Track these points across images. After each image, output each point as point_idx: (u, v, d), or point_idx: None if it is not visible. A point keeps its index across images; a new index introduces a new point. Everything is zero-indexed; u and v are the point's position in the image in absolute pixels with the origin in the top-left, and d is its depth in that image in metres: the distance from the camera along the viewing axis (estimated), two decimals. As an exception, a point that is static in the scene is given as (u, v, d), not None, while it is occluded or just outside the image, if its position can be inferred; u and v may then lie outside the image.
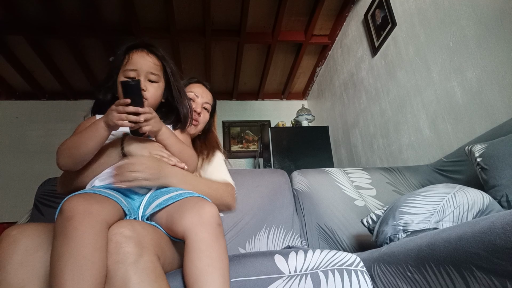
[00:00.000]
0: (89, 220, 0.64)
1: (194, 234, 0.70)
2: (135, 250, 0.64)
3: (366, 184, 1.58)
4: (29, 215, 1.31)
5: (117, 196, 0.78)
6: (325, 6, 2.84)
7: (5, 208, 3.32)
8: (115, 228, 0.67)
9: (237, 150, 3.97)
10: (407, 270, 0.67)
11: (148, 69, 0.95)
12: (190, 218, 0.71)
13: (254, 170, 1.68)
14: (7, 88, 3.58)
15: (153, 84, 0.96)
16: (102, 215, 0.67)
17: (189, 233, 0.70)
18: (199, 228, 0.70)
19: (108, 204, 0.73)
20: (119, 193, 0.81)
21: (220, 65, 3.58)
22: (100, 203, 0.70)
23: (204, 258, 0.67)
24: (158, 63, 0.99)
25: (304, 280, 0.70)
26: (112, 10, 2.77)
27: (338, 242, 1.40)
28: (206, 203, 0.75)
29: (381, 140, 2.38)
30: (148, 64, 0.96)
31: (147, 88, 0.94)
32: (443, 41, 1.71)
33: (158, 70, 0.98)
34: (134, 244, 0.65)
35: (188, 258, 0.68)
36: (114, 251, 0.64)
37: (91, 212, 0.66)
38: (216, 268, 0.66)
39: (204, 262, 0.67)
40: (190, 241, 0.69)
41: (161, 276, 0.65)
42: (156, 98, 0.97)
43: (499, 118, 1.37)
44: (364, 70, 2.63)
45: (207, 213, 0.72)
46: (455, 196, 0.96)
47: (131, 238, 0.66)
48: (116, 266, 0.62)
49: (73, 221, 0.63)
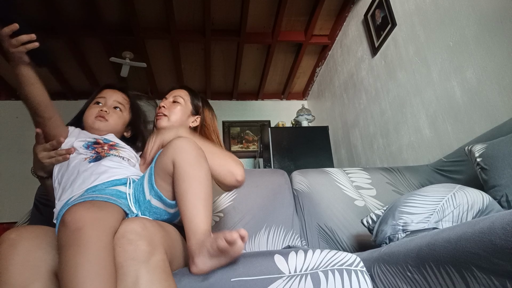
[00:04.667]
0: (100, 227, 0.65)
1: (180, 156, 0.81)
2: (148, 249, 0.65)
3: (366, 184, 1.58)
4: (29, 215, 1.31)
5: (115, 198, 0.79)
6: (325, 6, 2.84)
7: (5, 208, 3.32)
8: (128, 225, 0.68)
9: (237, 150, 3.97)
10: (407, 270, 0.67)
11: (115, 98, 1.10)
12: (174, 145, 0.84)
13: (254, 170, 1.68)
14: (7, 88, 3.58)
15: (117, 111, 1.09)
16: (109, 221, 0.68)
17: (175, 156, 0.81)
18: (183, 149, 0.82)
19: (110, 209, 0.74)
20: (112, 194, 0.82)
21: (220, 65, 3.58)
22: (103, 210, 0.71)
23: (187, 177, 0.80)
24: (126, 98, 1.14)
25: (304, 280, 0.70)
26: (112, 10, 2.77)
27: (338, 242, 1.40)
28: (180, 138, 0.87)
29: (381, 140, 2.38)
30: (116, 95, 1.11)
31: (110, 113, 1.07)
32: (443, 41, 1.71)
33: (124, 103, 1.12)
34: (146, 242, 0.66)
35: (175, 180, 0.81)
36: (127, 248, 0.65)
37: (100, 219, 0.67)
38: (198, 186, 0.79)
39: (187, 180, 0.79)
40: (176, 163, 0.81)
41: (170, 275, 0.66)
42: (116, 123, 1.08)
43: (499, 118, 1.37)
44: (364, 70, 2.63)
45: (186, 139, 0.85)
46: (454, 196, 0.96)
47: (143, 236, 0.67)
48: (129, 263, 0.63)
49: (83, 231, 0.63)
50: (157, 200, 0.87)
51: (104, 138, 1.03)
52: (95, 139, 1.00)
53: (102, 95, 1.10)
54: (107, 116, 1.05)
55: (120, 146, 1.03)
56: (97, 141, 1.00)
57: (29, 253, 0.71)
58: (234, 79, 3.77)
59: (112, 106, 1.09)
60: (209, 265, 0.69)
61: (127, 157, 1.00)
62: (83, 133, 1.03)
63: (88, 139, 1.00)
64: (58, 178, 0.91)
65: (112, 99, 1.10)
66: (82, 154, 0.94)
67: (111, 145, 1.01)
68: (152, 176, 0.87)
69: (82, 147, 0.96)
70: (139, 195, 0.88)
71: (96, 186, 0.85)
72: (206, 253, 0.69)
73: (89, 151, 0.95)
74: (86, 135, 1.02)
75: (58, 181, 0.91)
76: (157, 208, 0.87)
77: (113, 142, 1.03)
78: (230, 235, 0.64)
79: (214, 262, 0.69)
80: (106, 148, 0.99)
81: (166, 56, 3.35)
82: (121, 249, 0.65)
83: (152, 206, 0.87)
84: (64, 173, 0.90)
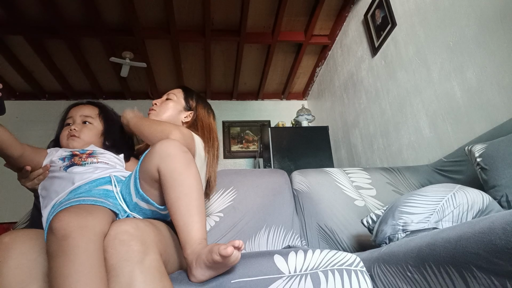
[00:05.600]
0: (87, 234, 0.63)
1: (165, 165, 0.78)
2: (141, 249, 0.64)
3: (366, 184, 1.58)
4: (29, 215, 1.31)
5: (103, 200, 0.78)
6: (325, 6, 2.84)
7: (5, 208, 3.32)
8: (120, 226, 0.67)
9: (237, 150, 3.97)
10: (407, 270, 0.67)
11: (81, 113, 1.11)
12: (158, 152, 0.80)
13: (254, 170, 1.68)
14: (7, 88, 3.58)
15: (86, 125, 1.10)
16: (97, 226, 0.66)
17: (160, 165, 0.78)
18: (169, 158, 0.78)
19: (99, 212, 0.72)
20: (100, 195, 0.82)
21: (220, 65, 3.58)
22: (92, 213, 0.69)
23: (176, 186, 0.77)
24: (93, 108, 1.15)
25: (304, 280, 0.70)
26: (112, 10, 2.77)
27: (338, 242, 1.40)
28: (167, 140, 0.83)
29: (381, 140, 2.38)
30: (81, 110, 1.12)
31: (81, 129, 1.08)
32: (443, 41, 1.71)
33: (93, 114, 1.13)
34: (139, 242, 0.65)
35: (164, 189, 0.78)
36: (119, 249, 0.64)
37: (87, 226, 0.65)
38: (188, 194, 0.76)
39: (176, 189, 0.76)
40: (162, 173, 0.78)
41: (165, 275, 0.65)
42: (89, 136, 1.09)
43: (499, 118, 1.37)
44: (364, 70, 2.63)
45: (171, 145, 0.81)
46: (454, 196, 0.96)
47: (136, 236, 0.66)
48: (123, 264, 0.62)
49: (71, 239, 0.62)
50: (145, 203, 0.85)
51: (81, 150, 1.04)
52: (71, 152, 1.02)
53: (69, 115, 1.12)
54: (78, 133, 1.07)
55: (99, 153, 1.04)
56: (73, 153, 1.01)
57: (23, 256, 0.71)
58: (234, 79, 3.77)
59: (81, 121, 1.10)
60: (207, 275, 0.69)
61: (105, 161, 1.01)
62: (63, 150, 1.05)
63: (65, 153, 1.01)
64: (42, 192, 0.93)
65: (78, 115, 1.11)
66: (59, 165, 0.96)
67: (88, 154, 1.02)
68: (137, 180, 0.84)
69: (58, 160, 0.98)
70: (125, 195, 0.87)
71: (80, 187, 0.84)
72: (203, 265, 0.68)
73: (65, 162, 0.97)
74: (66, 150, 1.04)
75: (42, 194, 0.93)
76: (146, 209, 0.87)
77: (90, 151, 1.04)
78: (225, 251, 0.62)
79: (211, 272, 0.68)
80: (84, 157, 1.00)
81: (166, 56, 3.35)
82: (113, 250, 0.64)
83: (141, 207, 0.86)
84: (45, 184, 0.94)
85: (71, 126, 1.08)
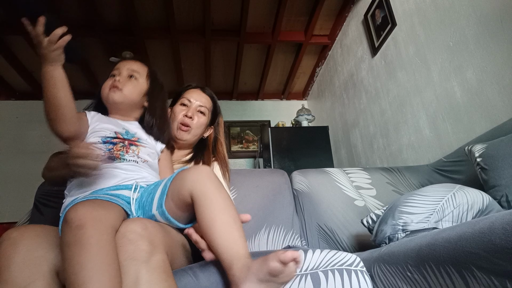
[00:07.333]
0: (101, 226, 0.65)
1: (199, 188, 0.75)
2: (148, 248, 0.65)
3: (366, 184, 1.58)
4: (29, 215, 1.31)
5: (118, 199, 0.80)
6: (325, 6, 2.84)
7: (5, 208, 3.31)
8: (128, 225, 0.69)
9: (237, 150, 3.97)
10: (407, 270, 0.67)
11: (129, 67, 1.06)
12: (191, 177, 0.77)
13: (254, 170, 1.68)
14: (7, 88, 3.58)
15: (131, 80, 1.05)
16: (110, 220, 0.68)
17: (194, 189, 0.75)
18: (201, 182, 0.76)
19: (113, 208, 0.74)
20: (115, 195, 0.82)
21: (220, 65, 3.58)
22: (106, 209, 0.71)
23: (211, 206, 0.73)
24: (143, 67, 1.10)
25: (304, 280, 0.70)
26: (112, 10, 2.77)
27: (338, 242, 1.40)
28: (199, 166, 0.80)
29: (381, 140, 2.38)
30: (129, 64, 1.07)
31: (124, 82, 1.03)
32: (443, 41, 1.71)
33: (140, 70, 1.08)
34: (147, 242, 0.66)
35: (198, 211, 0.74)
36: (127, 247, 0.65)
37: (101, 218, 0.66)
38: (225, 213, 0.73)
39: (212, 208, 0.73)
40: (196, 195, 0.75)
41: (170, 276, 0.66)
42: (131, 92, 1.04)
43: (499, 118, 1.37)
44: (364, 70, 2.63)
45: (204, 170, 0.79)
46: (454, 196, 0.96)
47: (143, 236, 0.67)
48: (130, 262, 0.63)
49: (85, 229, 0.63)
50: (163, 219, 0.83)
51: (125, 131, 1.00)
52: (115, 133, 0.97)
53: (116, 67, 1.08)
54: (121, 84, 1.02)
55: (142, 142, 1.00)
56: (117, 136, 0.97)
57: (30, 252, 0.71)
58: (234, 79, 3.77)
59: (127, 75, 1.05)
60: None
61: (144, 158, 0.98)
62: (106, 123, 0.99)
63: (108, 132, 0.96)
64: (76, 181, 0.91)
65: (125, 68, 1.06)
66: None
67: (131, 141, 0.98)
68: (163, 196, 0.82)
69: (100, 143, 0.94)
70: (145, 203, 0.85)
71: (102, 189, 0.85)
72: (254, 278, 0.62)
73: (107, 146, 0.94)
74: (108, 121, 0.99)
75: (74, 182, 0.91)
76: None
77: (135, 138, 1.00)
78: (284, 255, 0.58)
79: (262, 287, 0.62)
80: (126, 144, 0.96)
81: (166, 56, 3.35)
82: (121, 248, 0.65)
83: (157, 220, 0.84)
84: None
85: (116, 77, 1.04)
